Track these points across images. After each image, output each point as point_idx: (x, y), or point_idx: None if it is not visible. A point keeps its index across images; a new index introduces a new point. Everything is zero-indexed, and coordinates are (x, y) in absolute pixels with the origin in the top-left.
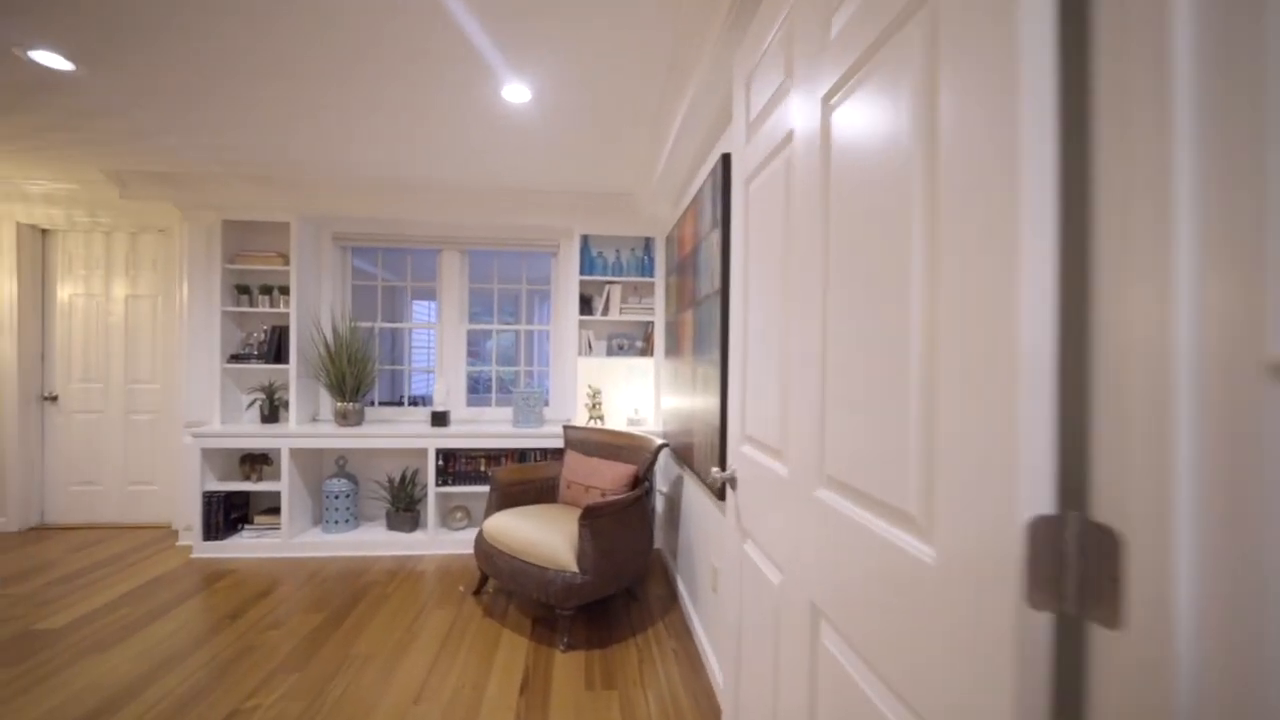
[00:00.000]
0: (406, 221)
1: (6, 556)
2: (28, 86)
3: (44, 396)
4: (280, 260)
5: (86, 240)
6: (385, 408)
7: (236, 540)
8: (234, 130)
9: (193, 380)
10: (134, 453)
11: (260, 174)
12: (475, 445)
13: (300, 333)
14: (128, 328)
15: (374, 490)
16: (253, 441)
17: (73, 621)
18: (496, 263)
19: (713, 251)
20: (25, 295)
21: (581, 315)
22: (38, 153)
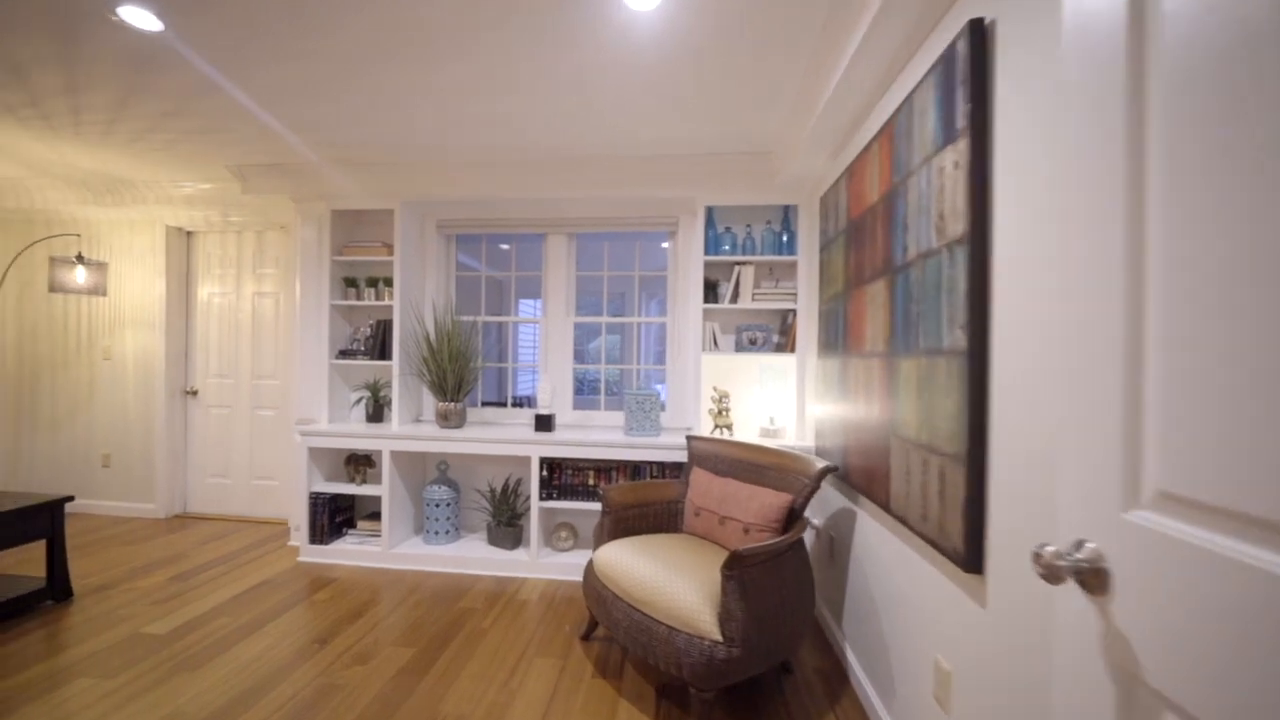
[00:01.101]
0: (510, 202)
1: (151, 544)
2: (138, 58)
3: (186, 391)
4: (385, 251)
5: (221, 240)
6: (489, 408)
7: (340, 545)
8: (332, 107)
9: (304, 376)
10: (259, 448)
11: (364, 159)
12: (583, 455)
13: (403, 327)
14: (254, 324)
15: (475, 500)
16: (355, 442)
17: (176, 629)
18: (607, 247)
19: (945, 182)
20: (172, 294)
21: (706, 304)
22: (170, 149)
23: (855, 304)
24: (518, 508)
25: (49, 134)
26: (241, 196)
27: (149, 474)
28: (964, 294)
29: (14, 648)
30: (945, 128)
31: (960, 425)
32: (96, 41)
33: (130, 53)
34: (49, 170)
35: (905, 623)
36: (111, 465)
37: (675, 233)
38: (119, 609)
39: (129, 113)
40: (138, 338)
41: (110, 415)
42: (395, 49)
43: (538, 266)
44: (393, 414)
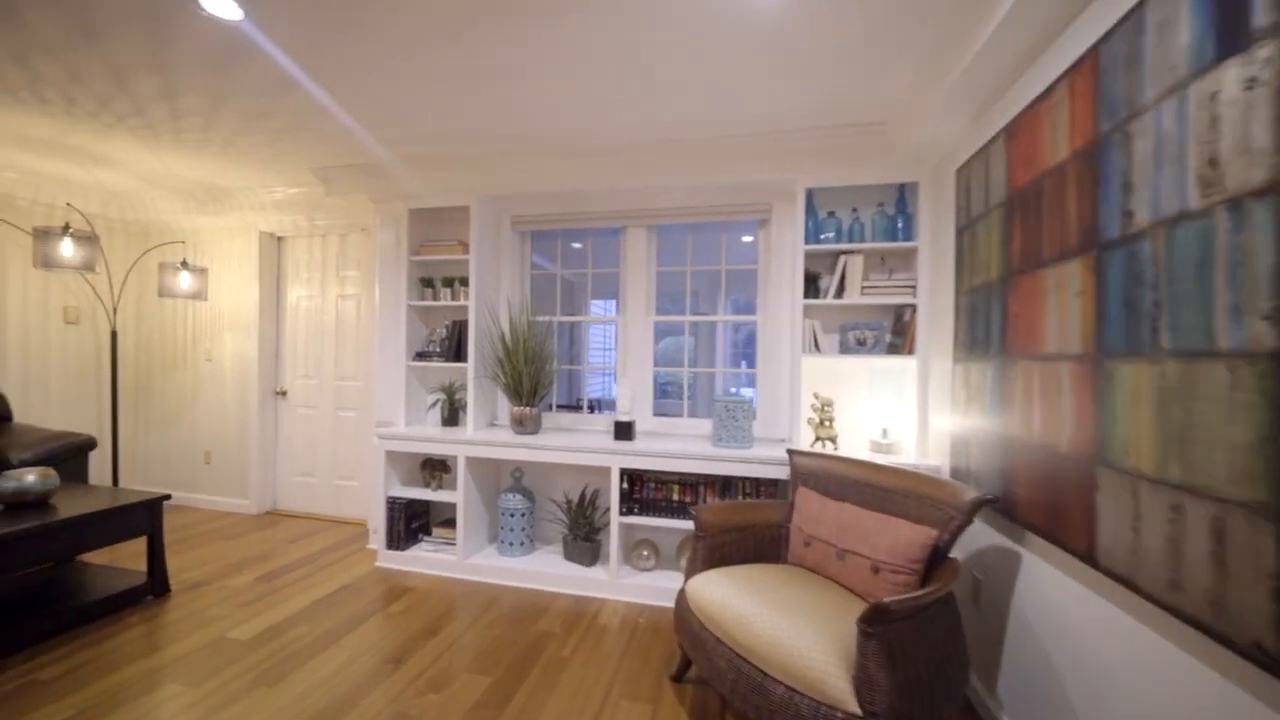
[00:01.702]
0: (587, 195)
1: (244, 541)
2: (222, 53)
3: (276, 391)
4: (461, 249)
5: (308, 244)
6: (564, 413)
7: (416, 552)
8: (406, 93)
9: (382, 378)
10: (341, 448)
11: (440, 153)
12: (666, 468)
13: (478, 328)
14: (337, 326)
15: (550, 511)
16: (430, 447)
17: (259, 634)
18: (691, 240)
19: (1222, 113)
20: (265, 298)
21: (807, 299)
22: (259, 151)
23: (1022, 293)
24: (595, 521)
25: (154, 143)
26: (326, 200)
27: (243, 471)
28: (1272, 268)
29: (115, 643)
30: (1222, 34)
31: (1265, 462)
32: (184, 38)
33: (214, 48)
34: (160, 182)
35: (1121, 717)
36: (212, 462)
37: (768, 221)
38: (209, 608)
39: (220, 115)
40: (234, 340)
41: (211, 414)
42: (470, 20)
43: (612, 264)
44: (468, 418)
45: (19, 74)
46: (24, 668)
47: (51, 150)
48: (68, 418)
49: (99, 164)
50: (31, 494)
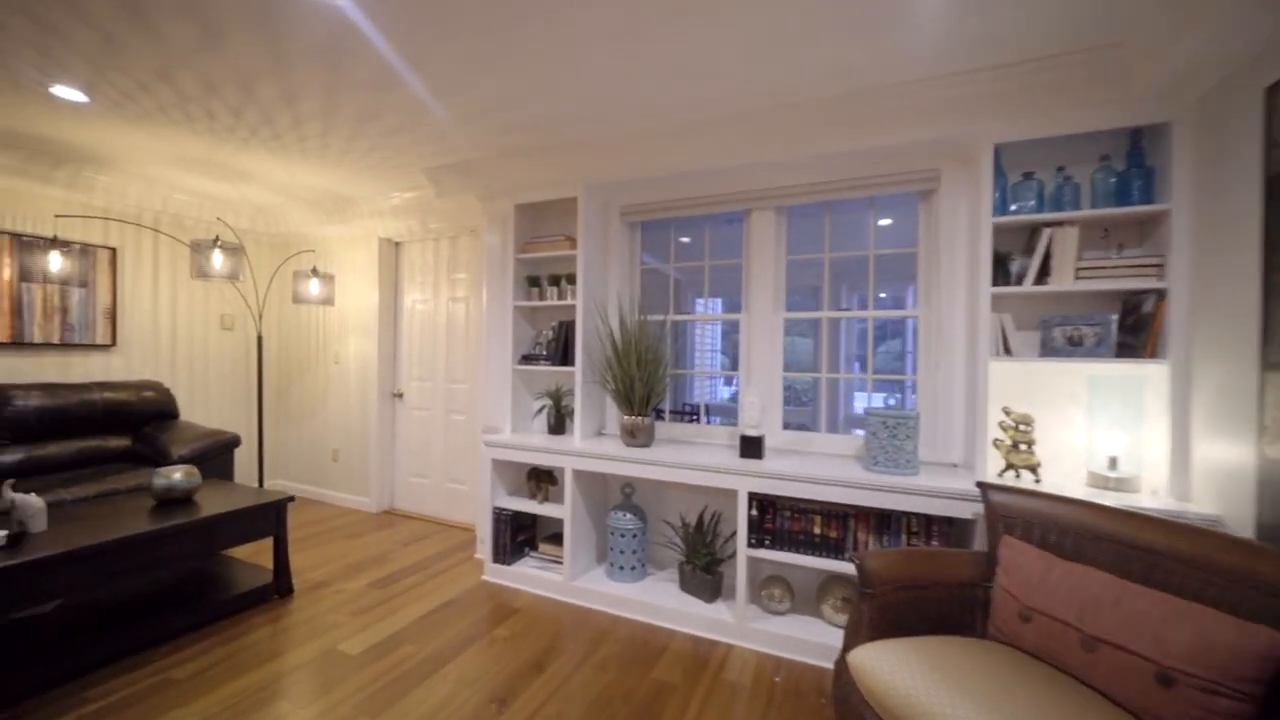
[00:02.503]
0: (704, 177)
1: (363, 541)
2: (330, 48)
3: (394, 394)
4: (568, 244)
5: (422, 249)
6: (677, 423)
7: (522, 567)
8: (513, 80)
9: (489, 382)
10: (451, 451)
11: (544, 142)
12: (807, 494)
13: (586, 329)
14: (448, 329)
15: (664, 532)
16: (536, 457)
17: (368, 650)
18: (829, 220)
19: None
20: (384, 303)
21: (997, 287)
22: (373, 156)
23: None
24: (718, 551)
25: (283, 154)
26: (437, 203)
27: (365, 470)
28: None
29: (243, 644)
30: None
31: None
32: (295, 32)
33: (322, 40)
34: (293, 194)
35: None
36: (339, 460)
37: (933, 192)
38: (326, 613)
39: (335, 119)
40: (358, 343)
41: (338, 414)
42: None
43: (726, 255)
44: (575, 426)
45: (167, 91)
46: (164, 663)
47: (206, 169)
48: (222, 416)
49: (243, 180)
50: (178, 491)
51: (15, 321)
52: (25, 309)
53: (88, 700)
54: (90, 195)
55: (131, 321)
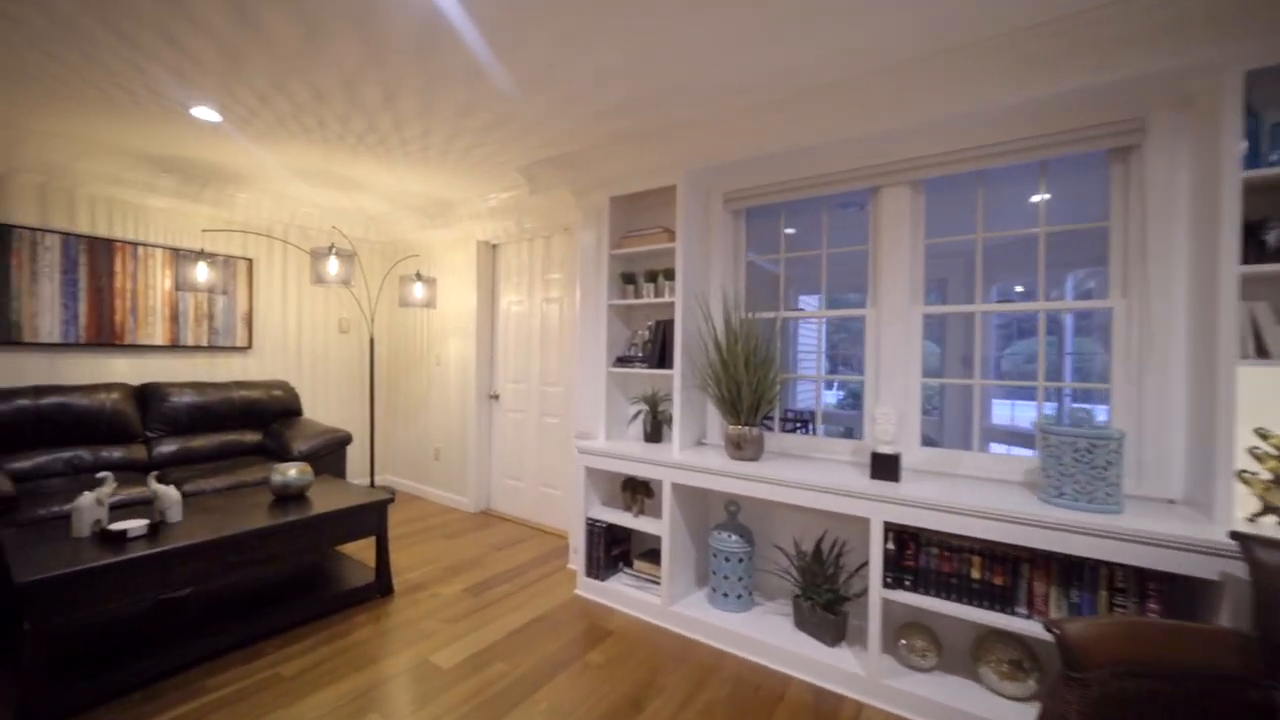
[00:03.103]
0: (822, 151)
1: (461, 542)
2: (422, 42)
3: (490, 395)
4: (666, 237)
5: (517, 250)
6: (787, 434)
7: (616, 584)
8: (607, 52)
9: (582, 385)
10: (545, 455)
11: (642, 127)
12: (961, 529)
13: (686, 328)
14: (542, 330)
15: (775, 558)
16: (631, 467)
17: (459, 664)
18: (981, 194)
19: None
20: (482, 305)
21: (1249, 265)
22: (471, 155)
23: None
24: (841, 586)
25: (388, 159)
26: (532, 201)
27: (463, 471)
28: None
29: (345, 644)
30: None
31: None
32: (389, 28)
33: (416, 35)
34: (400, 201)
35: None
36: (440, 459)
37: (1135, 148)
38: (422, 619)
39: (433, 117)
40: (457, 345)
41: (440, 414)
42: None
43: (842, 243)
44: (673, 434)
45: (283, 102)
46: (275, 657)
47: (323, 180)
48: (340, 414)
49: (355, 189)
50: (292, 488)
51: (173, 327)
52: (181, 316)
53: (207, 689)
54: (232, 211)
55: (264, 326)
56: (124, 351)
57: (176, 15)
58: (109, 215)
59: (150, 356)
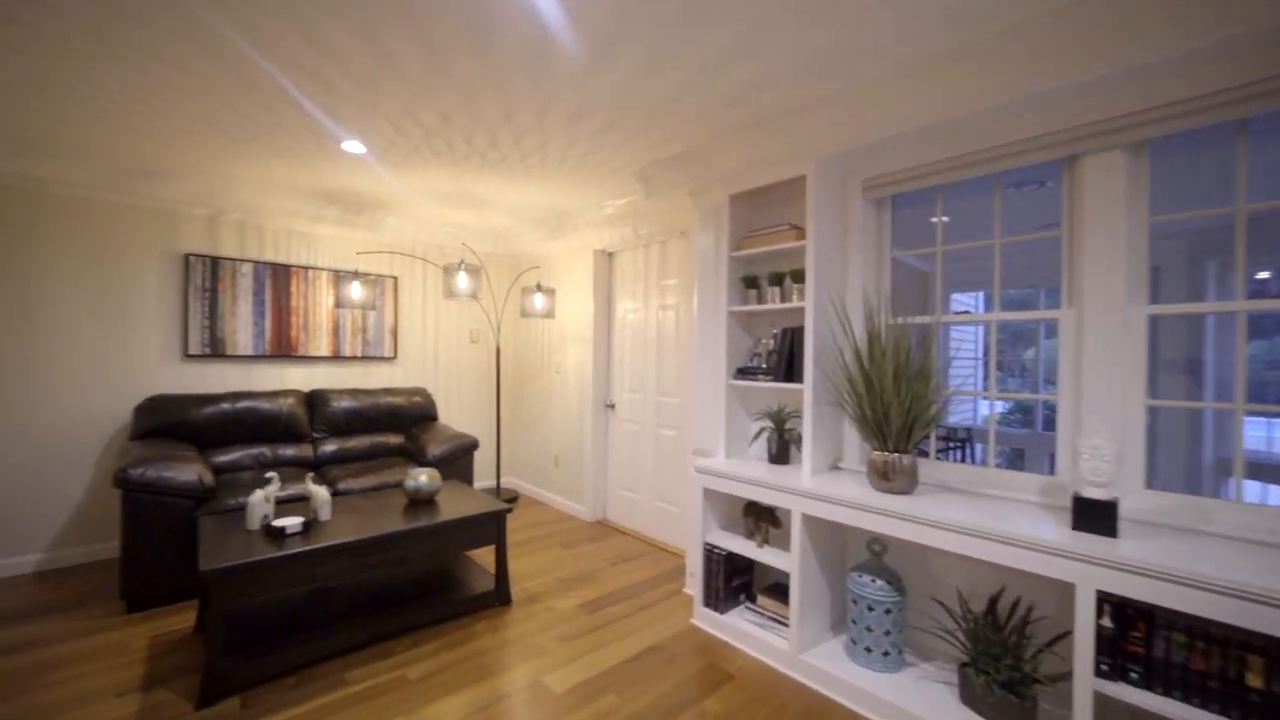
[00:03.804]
0: (989, 120)
1: (577, 552)
2: (530, 51)
3: (607, 404)
4: (794, 235)
5: (633, 256)
6: (950, 464)
7: (737, 619)
8: (733, 24)
9: (700, 397)
10: (661, 469)
11: (766, 112)
12: (1222, 615)
13: (817, 336)
14: (658, 339)
15: (934, 613)
16: (753, 491)
17: (570, 690)
18: (1242, 149)
19: None
20: (598, 313)
21: None
22: (586, 162)
23: None
24: (1028, 662)
25: (508, 174)
26: (647, 206)
27: (580, 479)
28: None
29: (466, 651)
30: None
31: None
32: (501, 38)
33: (527, 42)
34: (522, 216)
35: None
36: (559, 466)
37: None
38: (536, 634)
39: (548, 127)
40: (575, 354)
41: (559, 422)
42: None
43: (1009, 231)
44: (803, 457)
45: (414, 128)
46: (404, 657)
47: (454, 200)
48: (470, 419)
49: (482, 206)
50: (423, 493)
51: (335, 340)
52: (341, 330)
53: (346, 682)
54: (381, 234)
55: (407, 337)
56: (297, 362)
57: (325, 58)
58: (288, 244)
59: (317, 366)
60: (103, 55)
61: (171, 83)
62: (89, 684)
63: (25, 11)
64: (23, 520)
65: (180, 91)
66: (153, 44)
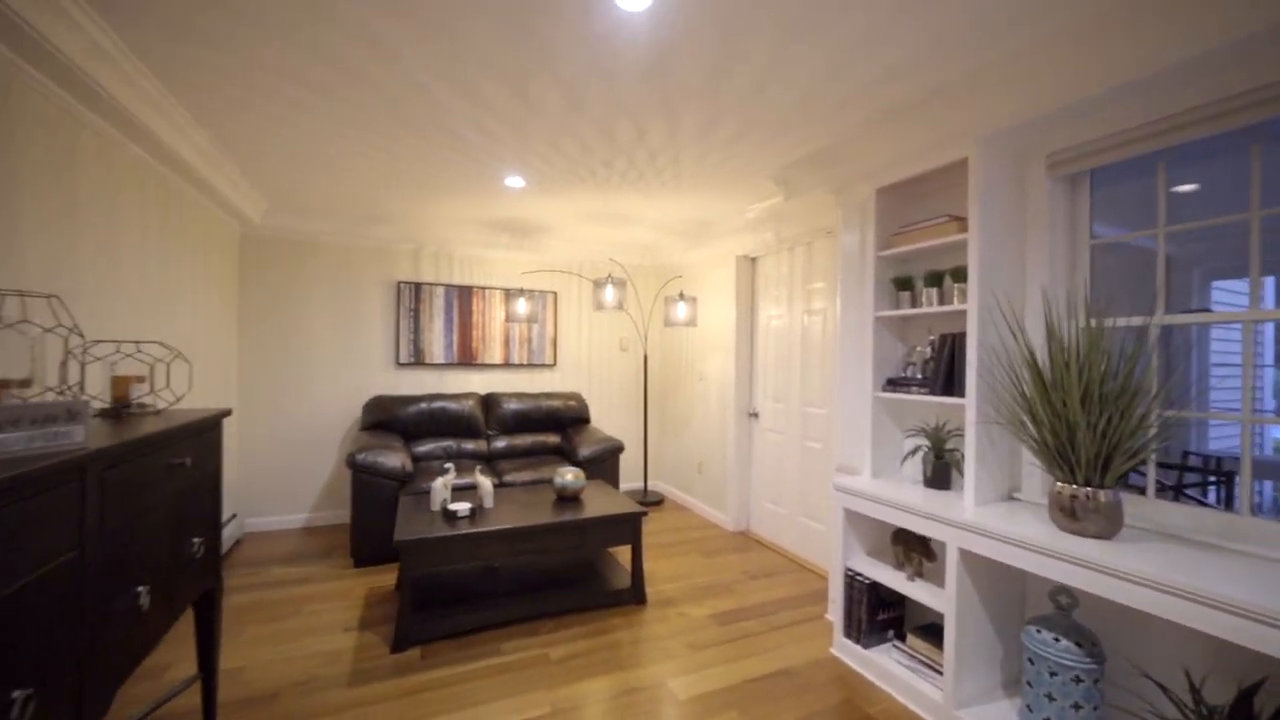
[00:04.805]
0: (1226, 64)
1: (716, 562)
2: (648, 65)
3: (750, 413)
4: (954, 227)
5: (776, 260)
6: (1177, 504)
7: (882, 656)
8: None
9: (844, 409)
10: (807, 483)
11: (915, 95)
12: None
13: (983, 343)
14: (803, 345)
15: (1141, 688)
16: (903, 517)
17: (692, 700)
18: None
19: None
20: (740, 320)
21: None
22: (723, 169)
23: None
24: None
25: (645, 190)
26: (788, 208)
27: (723, 487)
28: None
29: (601, 643)
30: None
31: None
32: (624, 66)
33: (648, 60)
34: (665, 228)
35: None
36: (703, 473)
37: None
38: (667, 638)
39: (680, 140)
40: (718, 362)
41: (702, 429)
42: None
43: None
44: (965, 483)
45: (560, 159)
46: (549, 639)
47: (600, 219)
48: (620, 423)
49: (626, 222)
50: (569, 490)
51: (505, 349)
52: (510, 341)
53: (501, 652)
54: (542, 254)
55: (564, 346)
56: (477, 369)
57: (486, 112)
58: (469, 268)
59: (491, 372)
60: (352, 140)
61: (384, 150)
62: (326, 618)
63: (309, 119)
64: (296, 487)
65: (390, 156)
66: (377, 125)
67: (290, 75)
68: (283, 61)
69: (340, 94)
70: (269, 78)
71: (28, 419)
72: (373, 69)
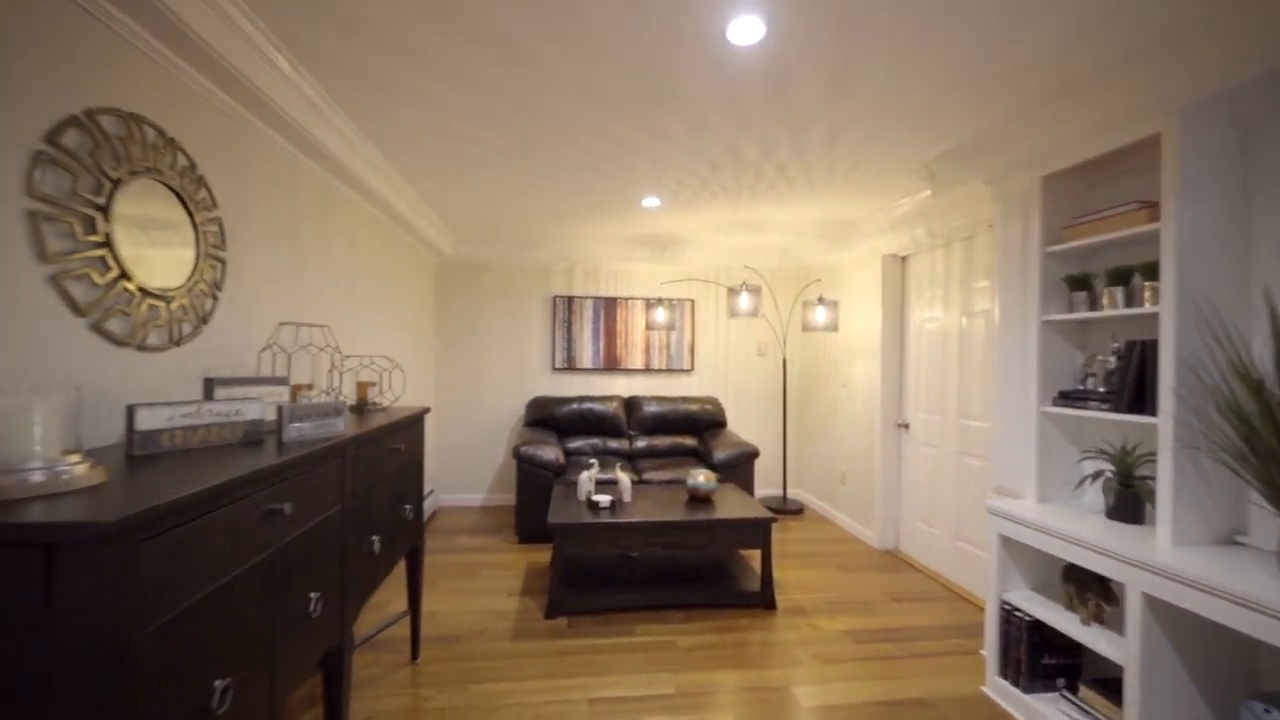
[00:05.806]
0: None
1: (856, 579)
2: (765, 91)
3: (899, 424)
4: (1144, 215)
5: (930, 258)
6: None
7: (1046, 704)
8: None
9: (1003, 425)
10: (965, 503)
11: (1090, 67)
12: None
13: (1182, 353)
14: (961, 351)
15: None
16: (1073, 551)
17: (818, 707)
18: None
19: None
20: (888, 324)
21: None
22: (861, 170)
23: None
24: None
25: (777, 199)
26: (941, 203)
27: (869, 501)
28: None
29: (725, 640)
30: None
31: None
32: (743, 90)
33: (765, 81)
34: (801, 231)
35: None
36: (846, 483)
37: None
38: (794, 646)
39: (808, 151)
40: (864, 368)
41: (845, 437)
42: None
43: None
44: (1159, 517)
45: (692, 180)
46: (677, 628)
47: (734, 229)
48: (756, 428)
49: (759, 229)
50: (700, 491)
51: (646, 355)
52: (651, 347)
53: (634, 633)
54: (679, 265)
55: (701, 351)
56: (620, 374)
57: (622, 148)
58: (614, 281)
59: (633, 377)
60: (520, 184)
61: (541, 190)
62: (495, 583)
63: (487, 169)
64: (477, 471)
65: (545, 194)
66: (537, 169)
67: (470, 138)
68: (464, 128)
69: (509, 148)
70: (454, 142)
71: (316, 413)
72: (532, 130)
